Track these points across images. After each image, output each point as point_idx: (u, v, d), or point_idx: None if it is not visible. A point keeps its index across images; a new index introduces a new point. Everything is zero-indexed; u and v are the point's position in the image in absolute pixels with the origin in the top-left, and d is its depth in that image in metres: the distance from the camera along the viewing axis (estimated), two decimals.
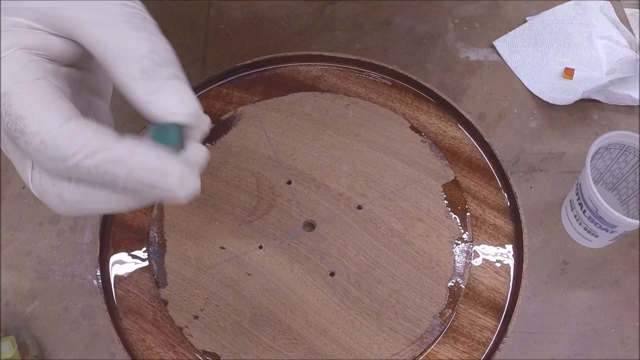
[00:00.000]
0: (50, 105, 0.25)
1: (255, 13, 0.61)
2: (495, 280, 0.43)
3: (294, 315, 0.40)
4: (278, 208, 0.44)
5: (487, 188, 0.46)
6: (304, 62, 0.51)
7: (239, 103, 0.49)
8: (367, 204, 0.44)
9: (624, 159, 0.49)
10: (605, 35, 0.61)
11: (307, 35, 0.60)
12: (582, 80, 0.58)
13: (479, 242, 0.44)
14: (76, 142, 0.24)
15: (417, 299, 0.41)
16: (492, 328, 0.41)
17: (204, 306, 0.40)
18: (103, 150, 0.24)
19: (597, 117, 0.57)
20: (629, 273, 0.50)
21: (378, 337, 0.40)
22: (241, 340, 0.39)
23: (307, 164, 0.45)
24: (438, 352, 0.40)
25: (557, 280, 0.49)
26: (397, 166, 0.46)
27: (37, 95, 0.25)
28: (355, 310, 0.40)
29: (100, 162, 0.24)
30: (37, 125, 0.24)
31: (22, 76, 0.25)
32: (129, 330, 0.40)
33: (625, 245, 0.51)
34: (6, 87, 0.24)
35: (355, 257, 0.42)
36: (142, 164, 0.24)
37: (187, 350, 0.40)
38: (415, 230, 0.43)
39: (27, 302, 0.47)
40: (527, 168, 0.54)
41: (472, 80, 0.58)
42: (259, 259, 0.42)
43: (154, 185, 0.25)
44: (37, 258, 0.49)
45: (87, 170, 0.24)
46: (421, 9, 0.62)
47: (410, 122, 0.48)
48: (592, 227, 0.48)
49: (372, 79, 0.51)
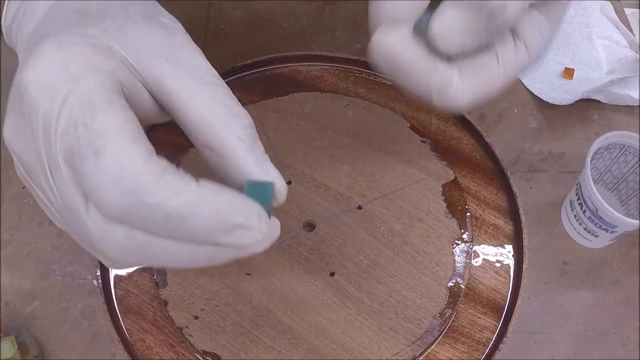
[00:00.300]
0: (137, 133, 0.22)
1: (255, 13, 0.61)
2: (495, 280, 0.43)
3: (294, 315, 0.40)
4: (278, 208, 0.44)
5: (487, 188, 0.46)
6: (304, 62, 0.51)
7: None
8: (367, 204, 0.44)
9: (624, 159, 0.49)
10: (605, 35, 0.61)
11: (307, 35, 0.60)
12: (582, 80, 0.58)
13: (479, 242, 0.44)
14: (161, 179, 0.22)
15: (417, 299, 0.41)
16: (492, 328, 0.41)
17: (204, 306, 0.40)
18: (188, 192, 0.22)
19: (597, 117, 0.57)
20: (629, 273, 0.50)
21: (378, 337, 0.40)
22: (241, 340, 0.39)
23: (307, 164, 0.45)
24: (438, 352, 0.40)
25: (557, 280, 0.49)
26: (397, 166, 0.46)
27: (125, 120, 0.22)
28: (355, 310, 0.40)
29: (183, 203, 0.22)
30: (121, 150, 0.22)
31: (113, 95, 0.23)
32: (129, 330, 0.40)
33: (625, 245, 0.51)
34: (93, 96, 0.22)
35: (355, 257, 0.42)
36: (229, 203, 0.23)
37: (187, 350, 0.40)
38: (415, 231, 0.43)
39: (27, 302, 0.47)
40: (527, 168, 0.54)
41: None
42: (259, 259, 0.42)
43: (241, 225, 0.23)
44: (37, 258, 0.49)
45: (165, 212, 0.22)
46: None
47: (410, 122, 0.48)
48: (592, 227, 0.48)
49: (372, 79, 0.51)
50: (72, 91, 0.22)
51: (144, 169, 0.22)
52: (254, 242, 0.23)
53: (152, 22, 0.26)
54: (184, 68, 0.25)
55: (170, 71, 0.25)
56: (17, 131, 0.24)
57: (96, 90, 0.22)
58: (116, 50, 0.24)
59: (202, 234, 0.22)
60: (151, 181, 0.22)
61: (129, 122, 0.22)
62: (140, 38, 0.25)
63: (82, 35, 0.24)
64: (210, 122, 0.25)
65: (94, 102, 0.22)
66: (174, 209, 0.22)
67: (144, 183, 0.21)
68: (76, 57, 0.23)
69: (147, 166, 0.22)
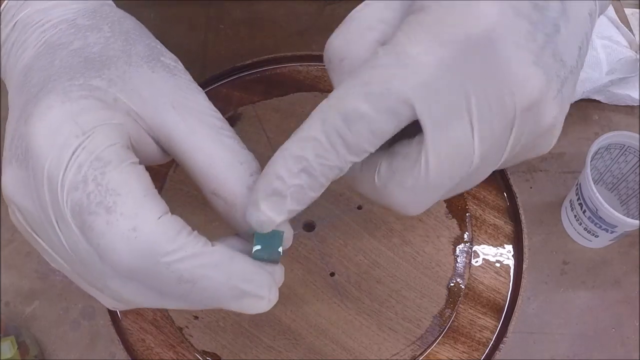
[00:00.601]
0: (149, 191, 0.22)
1: (255, 13, 0.61)
2: (495, 280, 0.43)
3: (294, 315, 0.40)
4: None
5: (487, 188, 0.46)
6: (304, 62, 0.51)
7: (238, 103, 0.49)
8: (367, 204, 0.44)
9: (624, 159, 0.49)
10: (605, 35, 0.60)
11: (307, 35, 0.59)
12: (582, 80, 0.58)
13: (479, 242, 0.44)
14: (175, 241, 0.22)
15: (417, 299, 0.41)
16: (492, 328, 0.41)
17: None
18: (202, 255, 0.22)
19: (597, 117, 0.57)
20: (629, 273, 0.50)
21: (378, 337, 0.40)
22: (241, 340, 0.39)
23: None
24: (438, 352, 0.40)
25: (557, 280, 0.49)
26: None
27: (136, 177, 0.22)
28: (355, 310, 0.40)
29: (196, 266, 0.22)
30: (133, 208, 0.21)
31: (123, 151, 0.23)
32: (129, 330, 0.40)
33: (625, 245, 0.51)
34: (104, 152, 0.22)
35: (355, 257, 0.42)
36: (242, 270, 0.23)
37: (187, 350, 0.40)
38: (415, 230, 0.43)
39: (27, 302, 0.47)
40: (527, 168, 0.54)
41: None
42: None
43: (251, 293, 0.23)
44: (37, 258, 0.48)
45: (177, 274, 0.22)
46: None
47: None
48: (592, 227, 0.48)
49: None
50: (82, 146, 0.22)
51: (157, 229, 0.21)
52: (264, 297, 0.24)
53: (155, 65, 0.25)
54: (189, 113, 0.25)
55: (177, 117, 0.25)
56: (19, 181, 0.23)
57: (106, 146, 0.22)
58: (122, 102, 0.24)
59: (212, 299, 0.23)
60: (165, 241, 0.21)
61: (140, 179, 0.22)
62: (145, 85, 0.24)
63: (89, 87, 0.23)
64: (218, 171, 0.24)
65: (105, 158, 0.22)
66: (186, 271, 0.22)
67: (158, 243, 0.21)
68: (85, 111, 0.23)
69: (160, 226, 0.22)
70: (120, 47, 0.25)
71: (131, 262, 0.21)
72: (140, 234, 0.21)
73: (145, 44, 0.26)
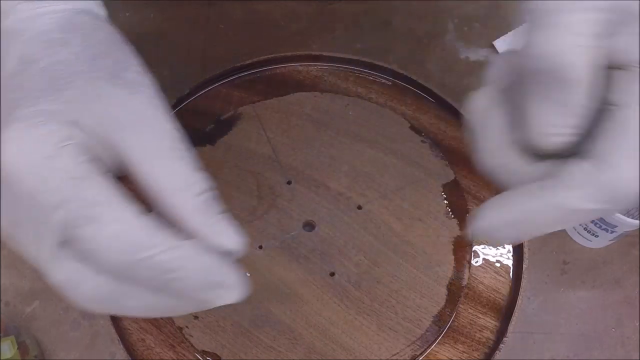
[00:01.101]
0: (124, 197, 0.24)
1: (255, 13, 0.61)
2: (495, 280, 0.43)
3: (294, 316, 0.40)
4: (278, 208, 0.44)
5: (488, 188, 0.46)
6: (304, 62, 0.51)
7: (238, 103, 0.49)
8: (367, 204, 0.44)
9: None
10: None
11: (307, 35, 0.60)
12: None
13: (479, 242, 0.44)
14: (155, 236, 0.24)
15: (417, 299, 0.41)
16: (492, 328, 0.41)
17: None
18: (180, 247, 0.24)
19: None
20: (629, 273, 0.50)
21: (378, 337, 0.40)
22: (241, 340, 0.39)
23: (307, 164, 0.45)
24: (438, 352, 0.40)
25: (557, 280, 0.49)
26: (397, 166, 0.46)
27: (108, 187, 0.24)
28: (355, 310, 0.40)
29: (176, 257, 0.24)
30: (116, 214, 0.24)
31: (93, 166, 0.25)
32: (129, 330, 0.40)
33: (625, 245, 0.51)
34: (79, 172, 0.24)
35: (355, 257, 0.42)
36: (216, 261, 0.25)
37: (187, 350, 0.40)
38: (415, 230, 0.43)
39: (27, 302, 0.47)
40: None
41: (472, 80, 0.58)
42: (258, 259, 0.42)
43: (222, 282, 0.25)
44: None
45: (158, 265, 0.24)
46: (421, 9, 0.62)
47: (410, 122, 0.48)
48: (592, 227, 0.48)
49: (372, 79, 0.51)
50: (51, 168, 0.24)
51: (139, 229, 0.24)
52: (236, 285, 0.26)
53: (117, 81, 0.26)
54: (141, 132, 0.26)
55: (129, 138, 0.26)
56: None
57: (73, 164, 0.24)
58: (80, 123, 0.25)
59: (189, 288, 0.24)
60: (146, 236, 0.24)
61: (113, 188, 0.24)
62: (103, 105, 0.26)
63: (50, 113, 0.25)
64: (165, 194, 0.26)
65: (75, 175, 0.24)
66: (167, 262, 0.24)
67: (141, 239, 0.23)
68: (47, 136, 0.24)
69: (141, 225, 0.24)
70: (87, 63, 0.27)
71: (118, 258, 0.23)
72: (123, 234, 0.23)
73: (113, 57, 0.27)
